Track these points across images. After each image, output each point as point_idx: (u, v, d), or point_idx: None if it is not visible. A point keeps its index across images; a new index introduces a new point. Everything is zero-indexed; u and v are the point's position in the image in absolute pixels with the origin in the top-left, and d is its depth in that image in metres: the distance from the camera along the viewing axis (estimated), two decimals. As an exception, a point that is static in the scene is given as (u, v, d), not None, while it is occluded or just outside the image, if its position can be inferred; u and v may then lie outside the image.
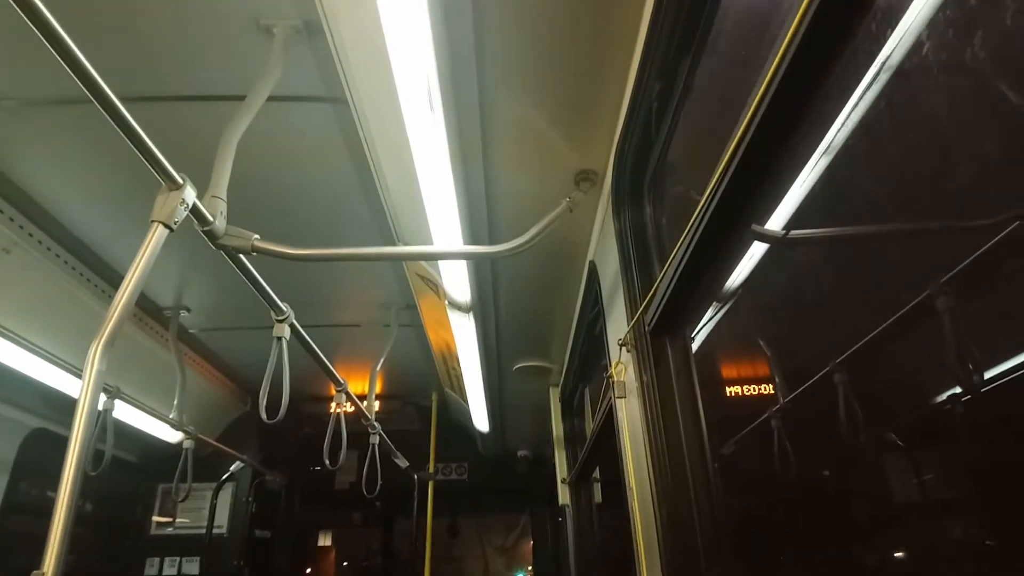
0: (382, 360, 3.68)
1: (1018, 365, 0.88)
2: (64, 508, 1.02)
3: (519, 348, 4.08)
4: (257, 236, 1.66)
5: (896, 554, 1.25)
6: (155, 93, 1.99)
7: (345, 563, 7.45)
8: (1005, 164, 0.91)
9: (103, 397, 2.88)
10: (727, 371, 1.95)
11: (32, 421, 3.62)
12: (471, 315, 2.94)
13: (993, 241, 0.91)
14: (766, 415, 1.69)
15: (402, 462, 4.24)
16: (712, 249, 1.41)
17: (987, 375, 0.99)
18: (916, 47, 0.90)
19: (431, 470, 5.14)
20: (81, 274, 2.94)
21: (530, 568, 7.72)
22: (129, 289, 1.23)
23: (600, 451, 3.29)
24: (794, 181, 1.24)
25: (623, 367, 2.03)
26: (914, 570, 1.19)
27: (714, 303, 1.74)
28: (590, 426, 3.72)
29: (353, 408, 3.14)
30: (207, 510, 4.69)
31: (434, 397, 5.13)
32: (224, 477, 4.66)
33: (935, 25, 0.88)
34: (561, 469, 4.47)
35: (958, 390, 1.07)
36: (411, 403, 5.36)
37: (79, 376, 1.11)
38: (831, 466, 1.53)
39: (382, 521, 7.17)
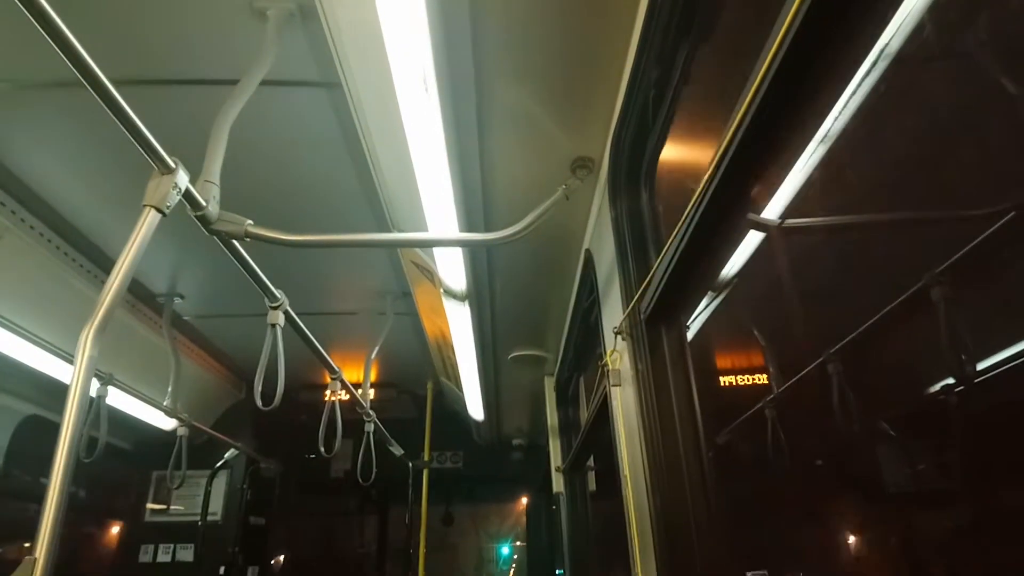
0: (377, 348, 3.68)
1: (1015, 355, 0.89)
2: (56, 494, 1.02)
3: (514, 337, 4.08)
4: (251, 221, 1.64)
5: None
6: (147, 77, 1.97)
7: (340, 551, 7.49)
8: (1002, 154, 0.91)
9: (96, 383, 2.88)
10: (722, 359, 1.95)
11: (25, 408, 3.61)
12: (466, 303, 2.93)
13: (989, 231, 0.91)
14: (760, 404, 1.70)
15: (397, 450, 4.25)
16: (708, 237, 1.41)
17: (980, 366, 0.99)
18: (916, 34, 0.89)
19: (426, 458, 5.15)
20: (74, 260, 2.92)
21: (518, 542, 7.76)
22: (121, 273, 1.22)
23: (594, 439, 3.30)
24: (791, 170, 1.24)
25: (618, 355, 2.03)
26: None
27: (710, 292, 1.74)
28: (584, 415, 3.73)
29: (348, 396, 3.14)
30: (201, 497, 4.70)
31: (429, 386, 5.14)
32: (219, 464, 4.67)
33: (935, 11, 0.87)
34: (555, 457, 4.49)
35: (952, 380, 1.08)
36: (406, 391, 5.37)
37: (72, 363, 1.11)
38: (825, 454, 1.54)
39: (377, 509, 7.19)
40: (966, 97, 0.96)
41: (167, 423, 4.08)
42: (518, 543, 7.80)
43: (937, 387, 1.14)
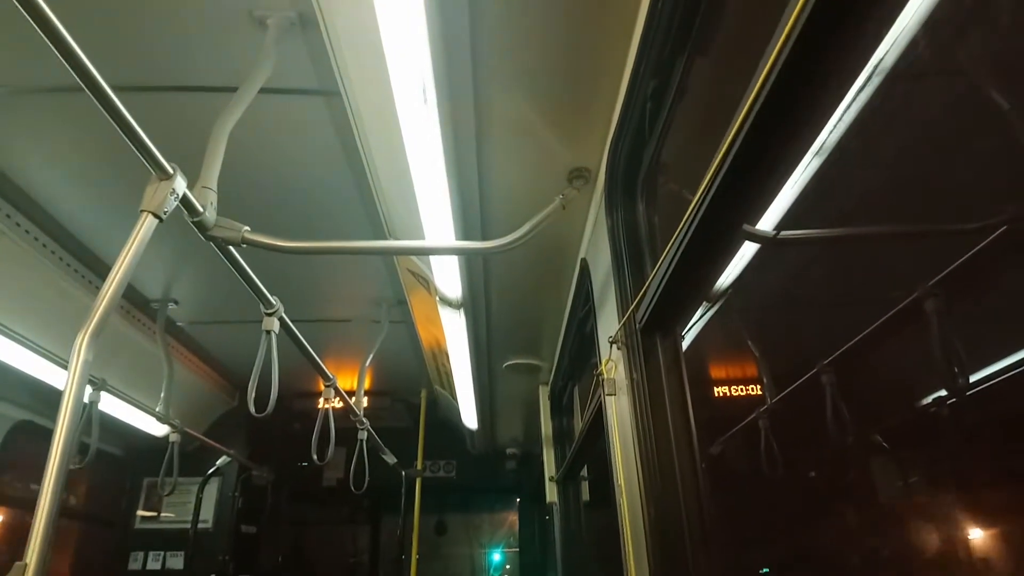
0: (371, 356, 3.67)
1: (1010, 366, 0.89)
2: (48, 500, 1.01)
3: (509, 345, 4.08)
4: (247, 228, 1.65)
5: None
6: (147, 83, 1.97)
7: (332, 559, 7.43)
8: (994, 167, 0.92)
9: (89, 389, 2.86)
10: (717, 370, 1.96)
11: (17, 413, 3.58)
12: (462, 312, 2.93)
13: (982, 244, 0.92)
14: (754, 414, 1.71)
15: (390, 458, 4.23)
16: (703, 248, 1.42)
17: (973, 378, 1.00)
18: (910, 50, 0.90)
19: (419, 467, 5.13)
20: (68, 264, 2.91)
21: (510, 549, 7.72)
22: (117, 279, 1.22)
23: (588, 449, 3.30)
24: (786, 182, 1.25)
25: (613, 365, 2.03)
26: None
27: (705, 302, 1.75)
28: (579, 424, 3.73)
29: (342, 404, 3.13)
30: (192, 504, 4.66)
31: (423, 394, 5.12)
32: (210, 472, 4.63)
33: (929, 28, 0.88)
34: (549, 467, 4.48)
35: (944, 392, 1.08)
36: (400, 400, 5.35)
37: (65, 368, 1.10)
38: (818, 465, 1.54)
39: (369, 518, 7.15)
40: (959, 111, 0.98)
41: (159, 429, 4.05)
42: (510, 550, 7.75)
43: (929, 399, 1.14)
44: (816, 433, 1.49)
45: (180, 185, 1.36)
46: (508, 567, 7.91)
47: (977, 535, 0.98)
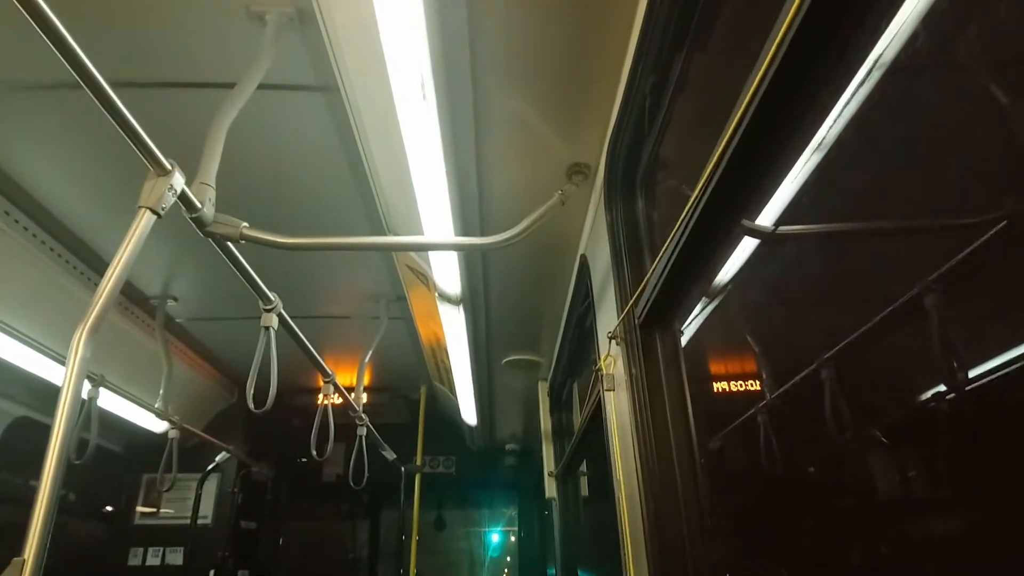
0: (371, 352, 3.67)
1: (1007, 362, 0.89)
2: (46, 496, 1.01)
3: (509, 341, 4.08)
4: (246, 224, 1.64)
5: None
6: (144, 79, 1.96)
7: (331, 554, 7.43)
8: (994, 162, 0.92)
9: (87, 385, 2.86)
10: (716, 365, 1.96)
11: (15, 409, 3.58)
12: (461, 308, 2.93)
13: (982, 239, 0.92)
14: (753, 410, 1.71)
15: (389, 454, 4.24)
16: (702, 243, 1.42)
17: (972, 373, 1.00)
18: (909, 44, 0.90)
19: (419, 463, 5.13)
20: (67, 261, 2.91)
21: (512, 535, 7.74)
22: (115, 274, 1.22)
23: (587, 444, 3.30)
24: (785, 177, 1.25)
25: (612, 360, 2.03)
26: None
27: (704, 297, 1.75)
28: (578, 420, 3.73)
29: (341, 400, 3.13)
30: (192, 501, 4.67)
31: (423, 390, 5.12)
32: (209, 468, 4.63)
33: (928, 23, 0.88)
34: (548, 462, 4.48)
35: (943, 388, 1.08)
36: (400, 396, 5.36)
37: (63, 364, 1.10)
38: (817, 460, 1.54)
39: (368, 514, 7.16)
40: (958, 106, 0.97)
41: (158, 425, 4.06)
42: (512, 536, 7.76)
43: (928, 394, 1.14)
44: (815, 428, 1.49)
45: (178, 181, 1.36)
46: (508, 559, 7.93)
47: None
